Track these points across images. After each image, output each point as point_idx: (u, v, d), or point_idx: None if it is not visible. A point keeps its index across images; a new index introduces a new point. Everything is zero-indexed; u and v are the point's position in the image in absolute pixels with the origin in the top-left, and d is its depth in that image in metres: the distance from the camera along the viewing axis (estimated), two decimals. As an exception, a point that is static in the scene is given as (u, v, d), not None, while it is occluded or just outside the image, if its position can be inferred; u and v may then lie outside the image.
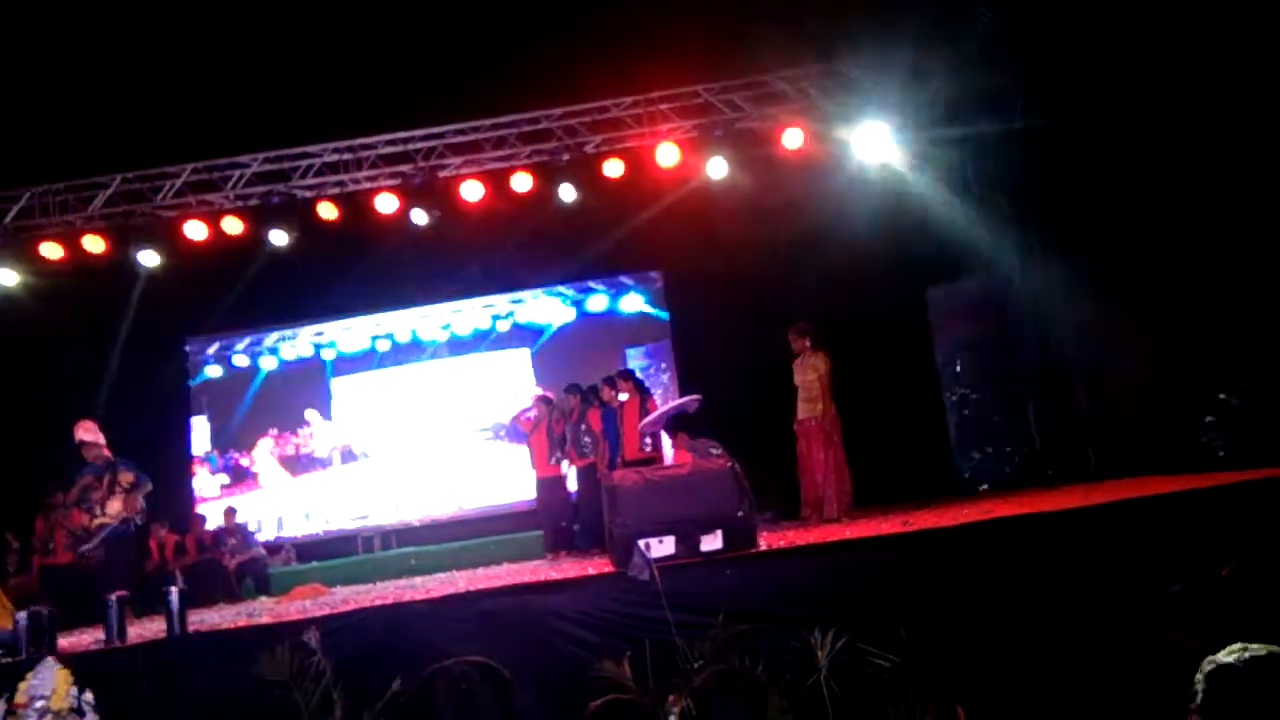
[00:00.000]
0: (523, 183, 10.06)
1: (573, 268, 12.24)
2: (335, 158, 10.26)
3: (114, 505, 7.46)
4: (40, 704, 4.34)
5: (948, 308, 11.39)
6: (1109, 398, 9.64)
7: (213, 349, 12.81)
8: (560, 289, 12.74)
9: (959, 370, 11.30)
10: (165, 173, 10.18)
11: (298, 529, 12.41)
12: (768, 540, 6.33)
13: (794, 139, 9.91)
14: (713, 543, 5.58)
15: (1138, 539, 5.08)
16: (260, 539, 11.59)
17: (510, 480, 11.62)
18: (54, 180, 10.08)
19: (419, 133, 10.14)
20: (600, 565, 6.42)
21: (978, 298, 11.10)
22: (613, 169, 10.03)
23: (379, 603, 5.79)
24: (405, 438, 12.66)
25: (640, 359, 12.38)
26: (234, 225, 10.18)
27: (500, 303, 12.79)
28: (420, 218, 10.17)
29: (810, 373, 8.21)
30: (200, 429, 12.68)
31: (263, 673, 4.67)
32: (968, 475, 11.07)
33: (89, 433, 7.72)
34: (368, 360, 12.89)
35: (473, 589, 5.80)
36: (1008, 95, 9.78)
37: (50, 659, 4.64)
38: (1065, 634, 4.68)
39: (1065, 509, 5.67)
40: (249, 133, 10.01)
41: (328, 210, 10.12)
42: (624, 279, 12.60)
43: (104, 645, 5.44)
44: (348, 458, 12.68)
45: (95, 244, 10.06)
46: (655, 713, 3.71)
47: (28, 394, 10.97)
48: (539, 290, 12.75)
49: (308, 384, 12.84)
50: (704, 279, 11.34)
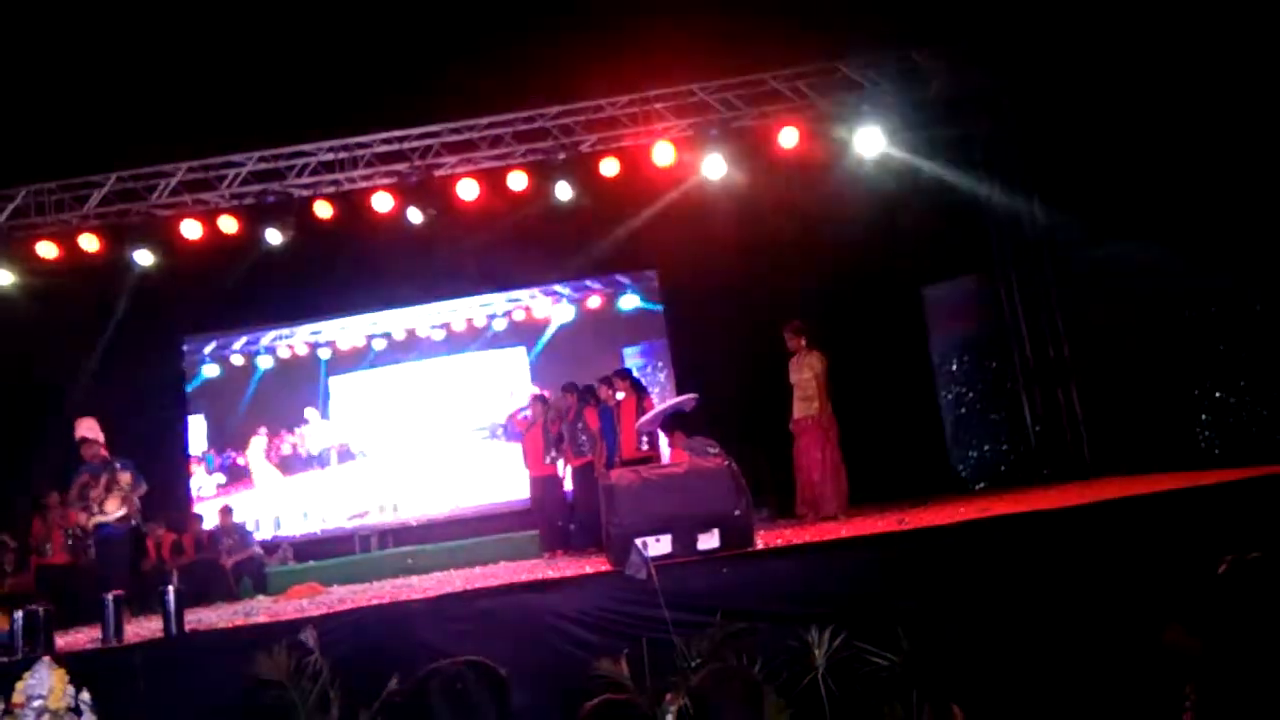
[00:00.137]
0: (518, 182, 10.06)
1: (569, 267, 12.25)
2: (331, 156, 10.25)
3: (112, 504, 7.44)
4: (37, 703, 4.33)
5: (944, 306, 11.41)
6: (1104, 395, 9.65)
7: (209, 348, 12.82)
8: (557, 288, 12.75)
9: (955, 368, 11.32)
10: (160, 171, 10.17)
11: (295, 528, 12.41)
12: (765, 539, 6.33)
13: (790, 138, 9.91)
14: (710, 541, 5.58)
15: (1134, 537, 5.09)
16: (257, 538, 11.58)
17: (507, 479, 11.60)
18: (49, 179, 10.05)
19: (415, 131, 10.14)
20: (597, 564, 6.42)
21: (974, 296, 11.12)
22: (609, 168, 10.03)
23: (376, 602, 5.79)
24: (402, 437, 12.66)
25: (637, 358, 12.39)
26: (230, 224, 10.17)
27: (497, 301, 12.80)
28: (416, 216, 10.16)
29: (806, 371, 8.22)
30: (197, 428, 12.68)
31: (260, 672, 4.67)
32: (964, 473, 11.09)
33: (90, 430, 7.68)
34: (364, 359, 12.90)
35: (470, 588, 5.80)
36: (1002, 93, 9.81)
37: (47, 658, 4.63)
38: (1062, 632, 4.69)
39: (1061, 507, 5.68)
40: (244, 131, 9.99)
41: (323, 209, 10.10)
42: (620, 278, 12.60)
43: (101, 645, 5.43)
44: (345, 457, 12.68)
45: (91, 243, 10.04)
46: (652, 711, 3.71)
47: (23, 394, 10.96)
48: (535, 289, 12.76)
49: (305, 383, 12.86)
50: (700, 278, 11.34)
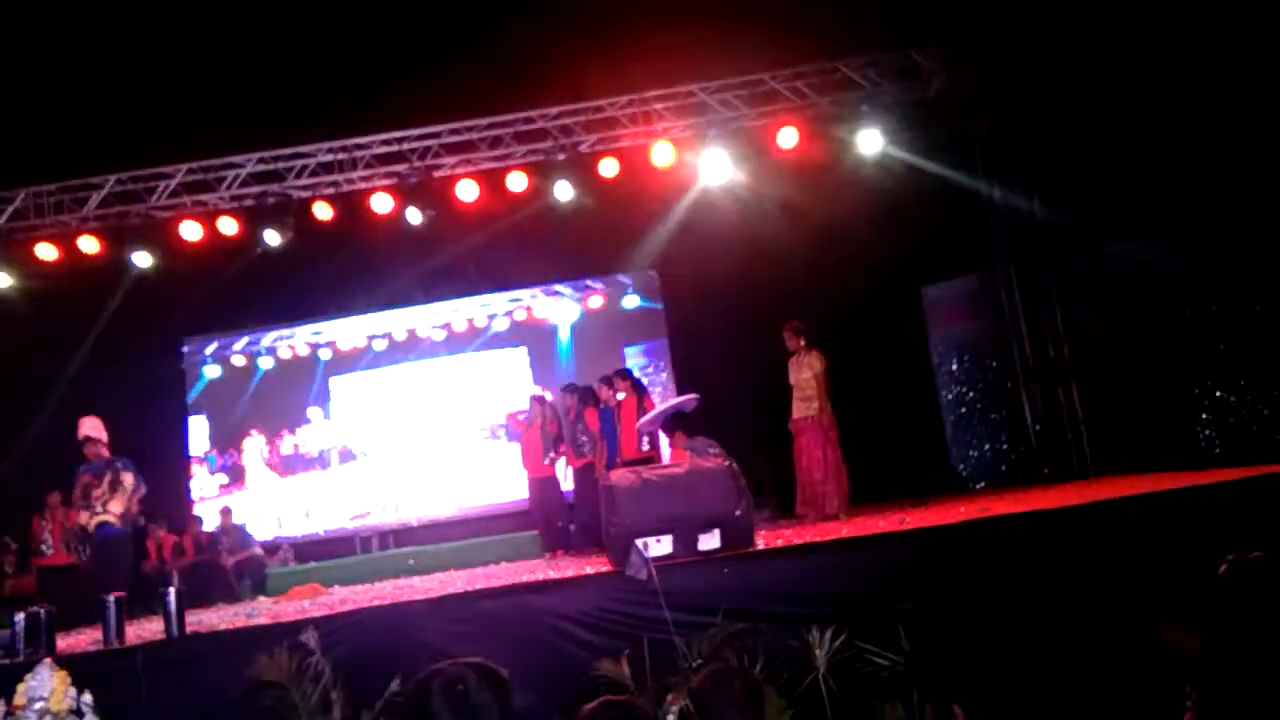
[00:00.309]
0: (518, 182, 10.05)
1: (569, 267, 12.26)
2: (330, 158, 10.25)
3: (116, 505, 7.42)
4: (39, 705, 4.33)
5: (943, 305, 11.42)
6: (1105, 395, 9.65)
7: (211, 349, 12.83)
8: (557, 288, 12.75)
9: (955, 368, 11.32)
10: (160, 173, 10.16)
11: (297, 529, 12.41)
12: (765, 539, 6.34)
13: (789, 138, 9.91)
14: (710, 542, 5.58)
15: (1134, 537, 5.09)
16: (259, 539, 11.58)
17: (508, 480, 11.58)
18: (48, 181, 10.05)
19: (414, 132, 10.14)
20: (598, 565, 6.41)
21: (974, 295, 11.12)
22: (608, 169, 10.03)
23: (377, 603, 5.77)
24: (403, 437, 12.66)
25: (638, 358, 12.39)
26: (229, 225, 10.16)
27: (497, 301, 12.80)
28: (415, 217, 10.17)
29: (806, 371, 8.21)
30: (199, 429, 12.68)
31: (261, 673, 4.67)
32: (964, 473, 11.09)
33: (94, 429, 7.64)
34: (365, 359, 12.90)
35: (471, 589, 5.78)
36: (1002, 92, 9.80)
37: (48, 660, 4.62)
38: (1063, 632, 4.69)
39: (1062, 507, 5.68)
40: (244, 133, 9.99)
41: (323, 210, 10.10)
42: (621, 278, 12.61)
43: (102, 646, 5.41)
44: (346, 457, 12.68)
45: (90, 245, 10.04)
46: (653, 712, 3.71)
47: (23, 396, 10.95)
48: (536, 289, 12.77)
49: (306, 383, 12.86)
50: (700, 278, 11.34)
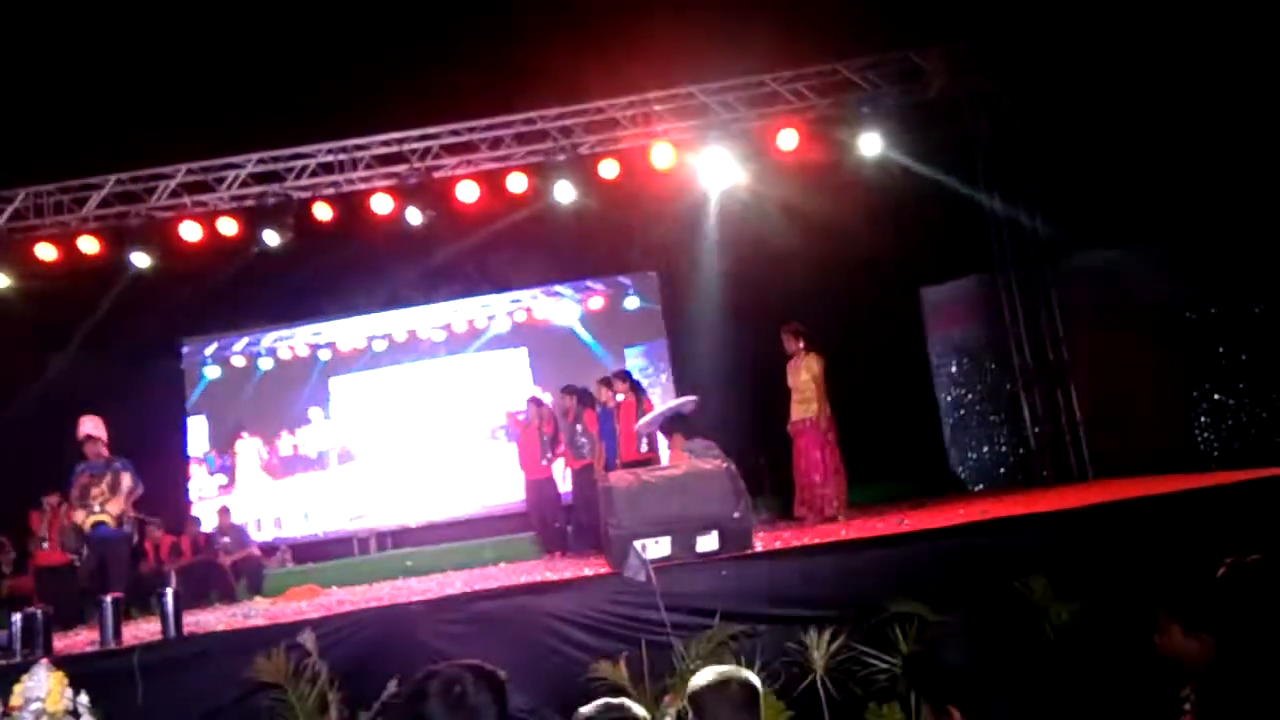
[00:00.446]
0: (518, 183, 10.05)
1: (569, 268, 12.27)
2: (330, 158, 10.25)
3: (113, 506, 7.42)
4: (35, 706, 4.33)
5: (942, 307, 11.41)
6: (1104, 397, 9.65)
7: (210, 350, 12.83)
8: (557, 289, 12.75)
9: (954, 370, 11.32)
10: (160, 173, 10.16)
11: (295, 530, 12.40)
12: (764, 541, 6.33)
13: (789, 140, 9.91)
14: (709, 543, 5.57)
15: (1133, 539, 5.09)
16: (257, 539, 11.58)
17: (507, 481, 11.58)
18: (48, 181, 10.05)
19: (414, 133, 10.13)
20: (596, 566, 6.41)
21: (973, 297, 11.12)
22: (608, 170, 10.02)
23: (375, 604, 5.77)
24: (402, 438, 12.66)
25: (638, 359, 12.39)
26: (229, 226, 10.15)
27: (497, 302, 12.80)
28: (415, 218, 10.16)
29: (804, 373, 8.20)
30: (198, 429, 12.68)
31: (258, 674, 4.67)
32: (963, 475, 11.09)
33: (95, 428, 7.63)
34: (365, 360, 12.90)
35: (469, 590, 5.78)
36: (1002, 95, 9.81)
37: (45, 661, 4.63)
38: (1062, 633, 4.68)
39: (1060, 509, 5.68)
40: (243, 133, 10.00)
41: (323, 211, 10.09)
42: (621, 279, 12.61)
43: (99, 647, 5.42)
44: (344, 458, 12.68)
45: (90, 245, 10.03)
46: (651, 714, 3.70)
47: (22, 397, 10.94)
48: (536, 290, 12.77)
49: (306, 384, 12.85)
50: (700, 279, 11.35)
